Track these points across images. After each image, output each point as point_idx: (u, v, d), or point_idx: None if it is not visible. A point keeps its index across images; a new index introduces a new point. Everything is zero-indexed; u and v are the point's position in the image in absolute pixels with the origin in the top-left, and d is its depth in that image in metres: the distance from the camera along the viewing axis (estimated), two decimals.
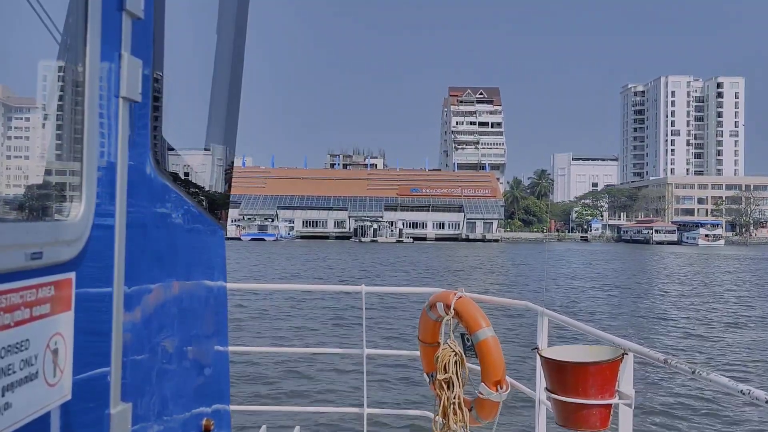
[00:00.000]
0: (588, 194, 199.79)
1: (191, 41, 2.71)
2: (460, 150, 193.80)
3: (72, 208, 1.57)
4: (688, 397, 12.36)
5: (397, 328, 19.01)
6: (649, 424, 10.63)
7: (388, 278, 40.43)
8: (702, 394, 12.42)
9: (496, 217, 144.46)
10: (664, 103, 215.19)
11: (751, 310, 26.65)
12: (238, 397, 10.76)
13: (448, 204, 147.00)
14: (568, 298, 30.00)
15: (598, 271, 51.68)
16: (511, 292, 31.58)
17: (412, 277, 41.03)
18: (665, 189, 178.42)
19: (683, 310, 26.63)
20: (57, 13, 1.56)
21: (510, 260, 65.69)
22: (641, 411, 10.87)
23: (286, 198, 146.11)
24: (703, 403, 12.02)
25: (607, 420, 3.53)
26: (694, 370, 2.92)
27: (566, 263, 61.39)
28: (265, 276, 40.03)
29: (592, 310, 25.90)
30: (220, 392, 2.73)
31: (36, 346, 1.39)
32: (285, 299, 25.15)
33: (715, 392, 12.08)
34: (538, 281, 39.55)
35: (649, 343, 16.93)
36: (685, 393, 12.58)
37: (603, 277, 44.29)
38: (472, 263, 58.55)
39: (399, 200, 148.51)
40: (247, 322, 19.93)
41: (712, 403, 11.95)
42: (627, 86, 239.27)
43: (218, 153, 2.78)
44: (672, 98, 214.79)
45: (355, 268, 48.33)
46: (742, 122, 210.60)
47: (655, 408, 11.54)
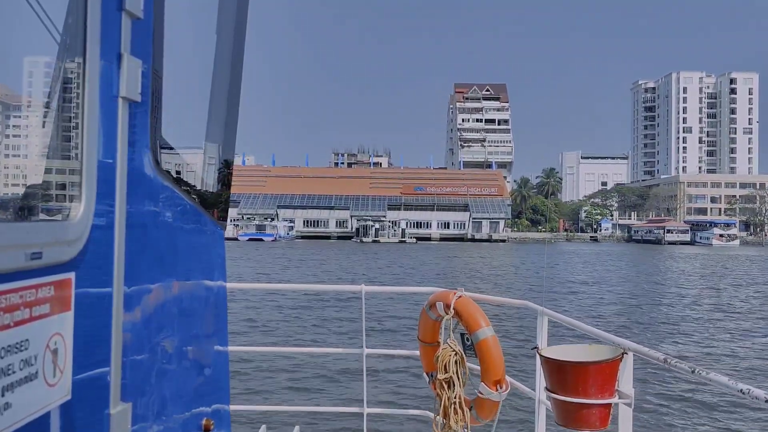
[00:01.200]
0: (597, 193, 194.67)
1: (191, 41, 2.71)
2: (466, 148, 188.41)
3: (72, 208, 1.56)
4: (687, 396, 12.40)
5: (397, 328, 19.00)
6: (649, 424, 10.66)
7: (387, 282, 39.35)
8: (702, 394, 12.45)
9: (502, 216, 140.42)
10: (676, 100, 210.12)
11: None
12: (238, 396, 10.77)
13: (453, 203, 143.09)
14: (581, 307, 26.87)
15: (610, 274, 47.79)
16: (527, 297, 28.52)
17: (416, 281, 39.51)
18: (677, 188, 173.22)
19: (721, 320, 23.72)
20: (57, 13, 1.57)
21: (520, 261, 62.97)
22: (641, 410, 10.89)
23: (286, 197, 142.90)
24: (702, 402, 12.04)
25: (607, 419, 3.53)
26: (694, 369, 2.94)
27: (574, 266, 57.71)
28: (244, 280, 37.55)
29: (607, 320, 23.09)
30: (219, 392, 2.75)
31: (36, 346, 1.40)
32: (285, 299, 25.31)
33: (715, 392, 12.12)
34: (554, 283, 37.33)
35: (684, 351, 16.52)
36: (684, 392, 12.61)
37: (617, 282, 41.20)
38: (479, 266, 55.11)
39: (403, 199, 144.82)
40: (247, 321, 19.89)
41: (711, 403, 11.97)
42: (637, 82, 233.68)
43: (217, 153, 2.80)
44: (684, 94, 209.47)
45: (350, 273, 45.04)
46: (756, 119, 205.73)
47: (654, 407, 11.57)
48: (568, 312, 23.25)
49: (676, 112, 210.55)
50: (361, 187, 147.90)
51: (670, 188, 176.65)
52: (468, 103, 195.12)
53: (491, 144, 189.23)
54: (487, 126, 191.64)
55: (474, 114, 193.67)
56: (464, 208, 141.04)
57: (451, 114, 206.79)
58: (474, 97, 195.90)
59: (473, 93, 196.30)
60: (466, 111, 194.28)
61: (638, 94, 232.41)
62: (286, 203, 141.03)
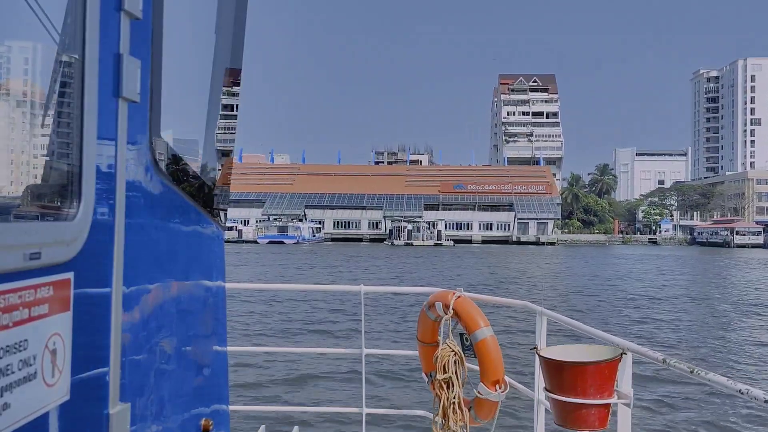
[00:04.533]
0: (655, 192, 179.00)
1: (190, 41, 2.71)
2: (512, 143, 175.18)
3: (71, 209, 1.57)
4: (686, 396, 12.35)
5: (396, 328, 18.93)
6: (648, 424, 10.59)
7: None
8: (701, 394, 12.41)
9: (551, 216, 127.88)
10: (742, 89, 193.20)
11: None
12: (237, 397, 10.77)
13: (496, 202, 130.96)
14: (654, 336, 19.68)
15: (677, 287, 37.11)
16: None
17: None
18: (744, 185, 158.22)
19: None
20: (55, 14, 1.57)
21: (584, 267, 54.04)
22: (640, 411, 10.86)
23: (315, 196, 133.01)
24: (701, 402, 12.02)
25: (606, 420, 3.57)
26: (693, 369, 2.98)
27: (633, 273, 48.20)
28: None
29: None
30: (218, 392, 2.76)
31: (34, 347, 1.40)
32: (285, 299, 25.16)
33: (714, 392, 12.06)
34: (613, 297, 29.97)
35: None
36: (684, 393, 12.56)
37: (687, 292, 33.15)
38: (531, 274, 45.69)
39: (441, 198, 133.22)
40: (246, 321, 19.80)
41: (710, 403, 11.97)
42: (699, 72, 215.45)
43: (217, 153, 2.82)
44: (751, 83, 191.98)
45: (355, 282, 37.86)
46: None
47: (654, 408, 11.52)
48: (641, 341, 17.67)
49: (743, 102, 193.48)
50: (396, 186, 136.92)
51: (736, 186, 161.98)
52: (513, 95, 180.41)
53: (539, 138, 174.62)
54: (534, 119, 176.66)
55: (520, 107, 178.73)
56: (509, 207, 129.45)
57: (495, 108, 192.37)
58: (520, 88, 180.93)
59: (519, 84, 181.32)
60: (511, 103, 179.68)
61: (699, 85, 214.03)
62: (315, 203, 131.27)
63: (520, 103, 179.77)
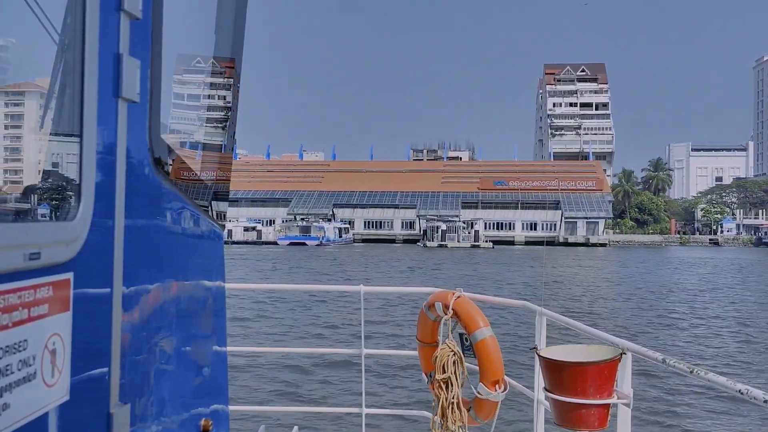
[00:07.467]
0: (714, 188, 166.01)
1: (190, 41, 2.72)
2: (558, 137, 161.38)
3: (70, 209, 1.57)
4: (686, 396, 12.34)
5: (396, 328, 18.94)
6: (648, 424, 10.62)
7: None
8: (701, 395, 12.35)
9: (602, 215, 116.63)
10: None
11: None
12: (237, 397, 10.74)
13: (541, 200, 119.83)
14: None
15: (752, 302, 30.25)
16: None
17: None
18: None
19: None
20: (55, 14, 1.58)
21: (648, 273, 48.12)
22: (640, 411, 10.80)
23: (344, 195, 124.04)
24: (701, 402, 11.98)
25: (606, 420, 3.58)
26: (692, 369, 2.97)
27: (692, 282, 41.98)
28: None
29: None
30: (218, 392, 2.76)
31: (34, 347, 1.40)
32: (285, 299, 25.11)
33: (714, 392, 12.01)
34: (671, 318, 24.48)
35: None
36: (683, 393, 12.55)
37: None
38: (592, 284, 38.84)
39: (480, 195, 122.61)
40: (246, 322, 19.87)
41: (710, 403, 11.89)
42: (762, 59, 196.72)
43: (216, 153, 2.87)
44: None
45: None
46: None
47: (653, 408, 11.51)
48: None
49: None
50: (432, 183, 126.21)
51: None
52: (560, 85, 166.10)
53: (587, 132, 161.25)
54: (582, 111, 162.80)
55: (567, 98, 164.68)
56: (555, 205, 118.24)
57: (540, 100, 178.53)
58: (567, 78, 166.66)
59: (566, 74, 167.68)
60: (557, 94, 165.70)
61: (763, 73, 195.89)
62: (344, 202, 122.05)
63: (567, 94, 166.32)
